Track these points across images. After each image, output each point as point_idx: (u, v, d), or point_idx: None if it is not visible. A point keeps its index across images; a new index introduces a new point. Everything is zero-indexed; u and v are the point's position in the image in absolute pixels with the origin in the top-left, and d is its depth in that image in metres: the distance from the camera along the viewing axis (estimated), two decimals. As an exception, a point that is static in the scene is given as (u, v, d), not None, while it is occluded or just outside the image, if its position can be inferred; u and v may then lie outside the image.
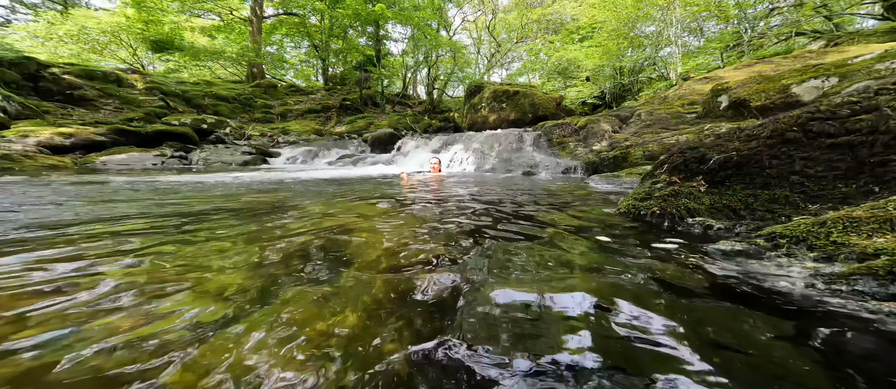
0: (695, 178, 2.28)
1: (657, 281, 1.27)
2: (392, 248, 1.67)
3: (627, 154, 6.31)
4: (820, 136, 1.97)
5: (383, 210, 2.76)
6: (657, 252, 1.60)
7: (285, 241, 1.76)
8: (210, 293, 1.14)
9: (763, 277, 1.28)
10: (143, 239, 1.78)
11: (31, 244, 1.65)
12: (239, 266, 1.39)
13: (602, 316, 1.01)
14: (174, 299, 1.09)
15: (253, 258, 1.50)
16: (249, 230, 2.02)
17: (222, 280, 1.24)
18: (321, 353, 0.82)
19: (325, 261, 1.48)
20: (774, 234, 1.52)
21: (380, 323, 0.98)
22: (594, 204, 3.06)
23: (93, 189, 3.96)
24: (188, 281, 1.23)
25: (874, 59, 4.90)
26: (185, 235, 1.88)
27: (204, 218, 2.35)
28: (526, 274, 1.35)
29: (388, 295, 1.15)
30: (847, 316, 0.99)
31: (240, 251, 1.60)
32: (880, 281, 1.07)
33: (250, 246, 1.69)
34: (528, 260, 1.52)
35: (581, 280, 1.29)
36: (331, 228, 2.06)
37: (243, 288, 1.18)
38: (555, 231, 2.05)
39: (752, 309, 1.05)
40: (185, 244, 1.70)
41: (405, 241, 1.79)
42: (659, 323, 0.97)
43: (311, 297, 1.11)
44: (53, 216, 2.36)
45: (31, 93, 10.52)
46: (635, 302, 1.10)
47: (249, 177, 6.07)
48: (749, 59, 10.14)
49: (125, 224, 2.13)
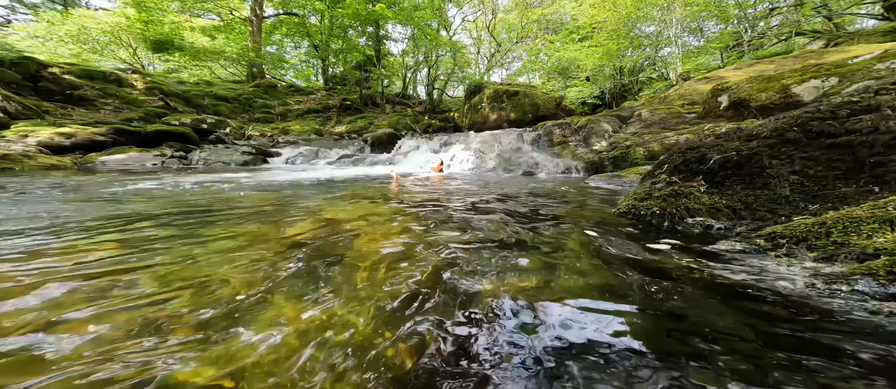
0: (695, 178, 2.28)
1: (657, 281, 1.27)
2: (390, 251, 1.67)
3: (628, 154, 6.32)
4: (820, 136, 1.97)
5: (390, 210, 2.76)
6: (657, 252, 1.60)
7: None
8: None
9: (763, 277, 1.28)
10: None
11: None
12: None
13: (598, 316, 1.02)
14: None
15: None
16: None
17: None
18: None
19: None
20: (774, 234, 1.53)
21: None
22: (594, 204, 3.06)
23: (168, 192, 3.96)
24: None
25: (874, 58, 4.90)
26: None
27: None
28: (524, 273, 1.35)
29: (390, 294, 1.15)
30: (847, 316, 0.99)
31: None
32: (880, 281, 1.07)
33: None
34: (528, 258, 1.52)
35: (580, 280, 1.29)
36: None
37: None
38: (555, 230, 2.05)
39: (751, 309, 1.06)
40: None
41: (399, 249, 1.79)
42: (658, 323, 0.97)
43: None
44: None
45: (31, 93, 10.52)
46: (634, 302, 1.10)
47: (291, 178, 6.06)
48: (749, 58, 10.14)
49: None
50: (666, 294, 1.16)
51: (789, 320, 0.98)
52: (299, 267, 1.40)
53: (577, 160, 7.05)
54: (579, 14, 17.15)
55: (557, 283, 1.25)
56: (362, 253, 1.59)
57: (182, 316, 0.99)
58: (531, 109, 12.11)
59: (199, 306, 1.05)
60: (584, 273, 1.35)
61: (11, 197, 3.20)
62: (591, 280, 1.28)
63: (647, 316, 1.01)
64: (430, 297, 1.14)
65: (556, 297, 1.14)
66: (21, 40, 15.33)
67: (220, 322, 0.96)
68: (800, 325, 0.95)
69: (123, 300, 1.08)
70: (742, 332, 0.92)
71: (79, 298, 1.08)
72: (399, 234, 1.95)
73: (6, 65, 10.46)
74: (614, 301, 1.11)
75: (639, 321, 0.99)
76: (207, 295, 1.12)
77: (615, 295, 1.15)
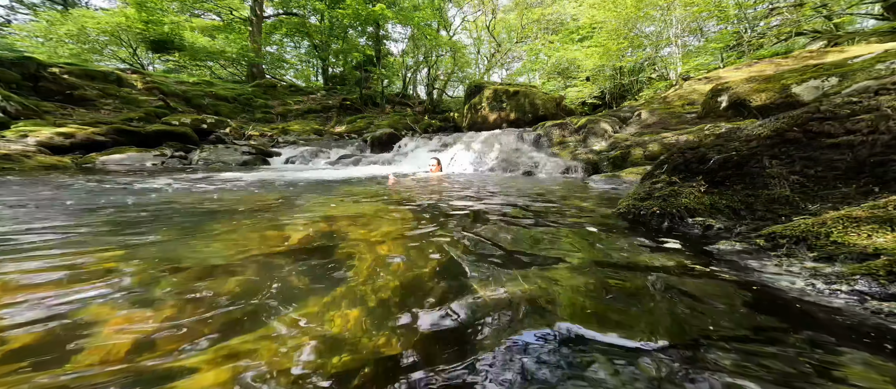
0: (695, 178, 2.28)
1: (657, 281, 1.26)
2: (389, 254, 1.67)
3: (627, 154, 6.31)
4: (820, 136, 1.97)
5: (390, 209, 2.76)
6: (657, 252, 1.60)
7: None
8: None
9: (763, 277, 1.28)
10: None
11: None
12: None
13: (597, 316, 1.01)
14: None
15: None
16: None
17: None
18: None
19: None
20: (774, 234, 1.52)
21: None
22: (594, 205, 3.06)
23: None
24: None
25: (874, 58, 4.89)
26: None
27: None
28: (522, 276, 1.35)
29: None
30: (847, 316, 0.98)
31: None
32: (880, 281, 1.07)
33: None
34: (527, 258, 1.52)
35: (580, 280, 1.29)
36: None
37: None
38: (554, 231, 2.05)
39: (751, 309, 1.05)
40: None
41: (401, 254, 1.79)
42: (657, 323, 0.97)
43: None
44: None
45: (31, 93, 10.51)
46: (633, 302, 1.10)
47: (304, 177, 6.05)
48: (749, 58, 10.13)
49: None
50: (665, 294, 1.16)
51: (789, 320, 0.98)
52: (298, 267, 1.40)
53: (577, 160, 7.05)
54: (579, 14, 17.13)
55: (556, 283, 1.25)
56: (360, 253, 1.59)
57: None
58: (531, 109, 12.11)
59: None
60: (584, 273, 1.35)
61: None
62: (591, 280, 1.28)
63: (647, 316, 1.01)
64: (430, 296, 1.14)
65: (555, 296, 1.14)
66: (21, 40, 15.32)
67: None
68: (800, 325, 0.95)
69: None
70: (742, 332, 0.92)
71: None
72: (396, 236, 1.94)
73: (6, 65, 10.45)
74: (614, 300, 1.11)
75: (639, 321, 0.99)
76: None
77: (615, 295, 1.14)
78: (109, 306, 1.05)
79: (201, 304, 1.07)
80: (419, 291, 1.19)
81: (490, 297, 1.13)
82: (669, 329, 0.93)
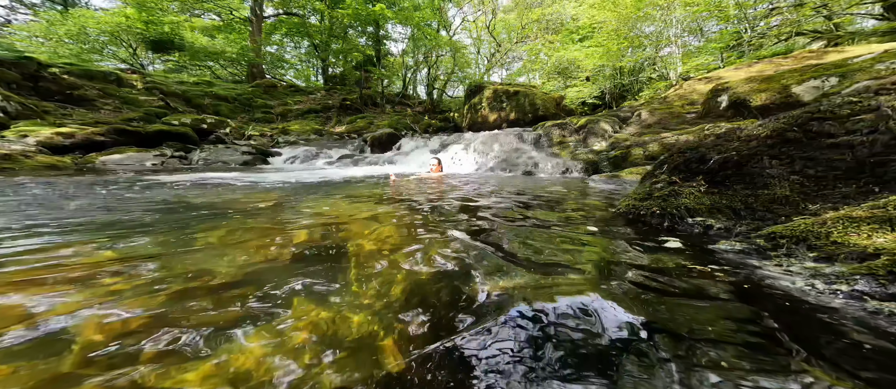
0: (695, 178, 2.28)
1: (656, 281, 1.26)
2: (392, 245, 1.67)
3: (627, 154, 6.31)
4: (820, 136, 1.97)
5: (391, 209, 2.76)
6: (656, 252, 1.60)
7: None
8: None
9: (763, 277, 1.28)
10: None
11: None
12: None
13: (597, 316, 1.01)
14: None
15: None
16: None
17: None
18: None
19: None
20: (774, 234, 1.52)
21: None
22: (593, 204, 3.06)
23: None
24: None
25: (874, 58, 4.90)
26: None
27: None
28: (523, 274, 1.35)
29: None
30: (847, 316, 0.98)
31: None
32: (880, 281, 1.07)
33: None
34: (527, 257, 1.52)
35: (579, 280, 1.29)
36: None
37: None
38: (553, 230, 2.05)
39: (751, 308, 1.05)
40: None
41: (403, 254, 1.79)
42: (657, 323, 0.97)
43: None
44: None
45: (31, 93, 10.50)
46: (633, 302, 1.10)
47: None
48: (749, 59, 10.13)
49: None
50: (665, 293, 1.16)
51: (789, 320, 0.98)
52: (298, 267, 1.40)
53: (577, 160, 7.05)
54: (579, 14, 17.13)
55: (555, 282, 1.25)
56: (359, 253, 1.59)
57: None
58: (531, 109, 12.12)
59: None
60: (583, 272, 1.35)
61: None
62: (590, 280, 1.28)
63: (647, 316, 1.01)
64: (429, 296, 1.14)
65: (555, 296, 1.14)
66: (21, 40, 15.32)
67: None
68: (800, 325, 0.95)
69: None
70: (742, 332, 0.92)
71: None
72: (397, 236, 1.94)
73: (6, 65, 10.45)
74: (613, 301, 1.11)
75: (638, 321, 0.99)
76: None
77: (614, 296, 1.14)
78: (101, 308, 1.05)
79: (198, 305, 1.07)
80: (422, 293, 1.19)
81: (490, 297, 1.13)
82: (668, 329, 0.93)
